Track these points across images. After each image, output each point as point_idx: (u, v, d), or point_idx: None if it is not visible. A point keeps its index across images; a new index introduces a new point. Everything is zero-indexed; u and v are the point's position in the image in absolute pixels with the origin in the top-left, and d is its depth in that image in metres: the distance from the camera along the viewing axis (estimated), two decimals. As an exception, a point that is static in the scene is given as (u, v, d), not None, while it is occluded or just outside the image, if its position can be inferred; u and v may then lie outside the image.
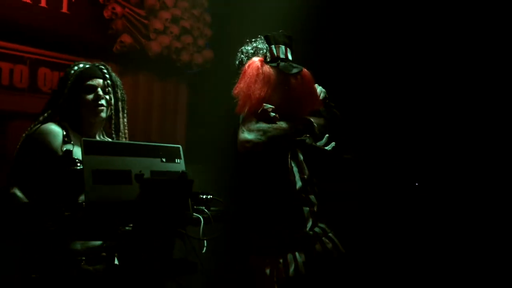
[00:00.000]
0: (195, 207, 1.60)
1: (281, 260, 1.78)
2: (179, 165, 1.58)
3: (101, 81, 1.78)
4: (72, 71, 1.79)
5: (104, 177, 1.40)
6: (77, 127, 1.76)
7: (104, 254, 1.61)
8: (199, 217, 1.53)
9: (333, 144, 1.91)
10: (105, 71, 1.81)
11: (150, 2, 3.67)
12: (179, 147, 1.62)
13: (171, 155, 1.58)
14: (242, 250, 1.97)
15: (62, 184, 1.60)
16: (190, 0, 3.89)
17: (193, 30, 3.88)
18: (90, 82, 1.76)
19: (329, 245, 1.78)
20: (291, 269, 1.76)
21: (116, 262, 1.60)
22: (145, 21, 3.68)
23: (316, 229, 1.80)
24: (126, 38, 3.58)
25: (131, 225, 1.32)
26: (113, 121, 1.82)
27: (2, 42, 3.26)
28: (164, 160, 1.56)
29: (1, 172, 3.13)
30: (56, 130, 1.73)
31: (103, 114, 1.77)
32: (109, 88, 1.76)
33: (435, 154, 3.00)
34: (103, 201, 1.35)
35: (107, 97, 1.77)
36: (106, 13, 3.49)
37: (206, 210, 1.60)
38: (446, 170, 2.95)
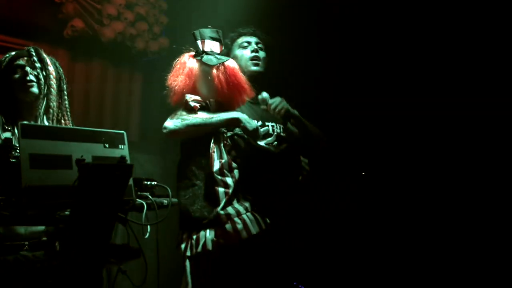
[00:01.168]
0: (139, 193, 1.61)
1: (194, 237, 1.90)
2: (123, 151, 1.57)
3: (27, 59, 1.80)
4: (3, 59, 1.82)
5: (43, 162, 1.37)
6: (15, 116, 1.73)
7: (44, 238, 1.59)
8: (142, 203, 1.55)
9: (275, 143, 2.02)
10: (32, 50, 1.82)
11: (103, -13, 3.57)
12: (123, 133, 1.61)
13: (115, 141, 1.57)
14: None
15: (2, 172, 1.57)
16: (145, -14, 3.82)
17: (148, 17, 3.81)
18: (16, 62, 1.79)
19: (239, 226, 1.86)
20: (200, 245, 1.88)
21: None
22: (98, 6, 3.58)
23: (229, 209, 1.88)
24: (78, 23, 3.47)
25: (69, 209, 1.31)
26: (44, 100, 1.80)
27: None
28: (107, 145, 1.55)
29: None
30: None
31: (34, 90, 1.78)
32: (37, 64, 1.76)
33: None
34: (41, 185, 1.33)
35: (35, 72, 1.77)
36: (56, -4, 3.37)
37: (150, 196, 1.62)
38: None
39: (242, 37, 2.41)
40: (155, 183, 1.65)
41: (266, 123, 2.25)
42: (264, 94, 2.22)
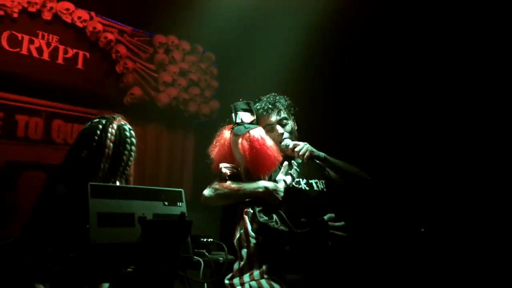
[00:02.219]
0: (195, 250, 1.65)
1: None
2: (181, 208, 1.64)
3: (108, 141, 1.88)
4: (97, 129, 1.89)
5: (109, 220, 1.46)
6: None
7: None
8: (199, 260, 1.57)
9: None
10: (97, 132, 1.89)
11: (160, 57, 3.88)
12: (181, 191, 1.68)
13: (173, 199, 1.65)
14: None
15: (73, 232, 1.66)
16: (198, 55, 4.11)
17: (200, 82, 4.06)
18: (97, 138, 1.87)
19: None
20: None
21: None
22: (155, 75, 3.88)
23: (235, 280, 1.92)
24: (136, 91, 3.76)
25: (132, 266, 1.36)
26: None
27: (20, 97, 3.47)
28: (166, 203, 1.62)
29: (12, 222, 3.22)
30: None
31: (96, 174, 1.83)
32: (111, 150, 1.86)
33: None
34: (107, 243, 1.40)
35: (107, 164, 1.84)
36: (118, 68, 3.70)
37: (206, 253, 1.64)
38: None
39: (263, 119, 2.29)
40: (211, 240, 1.68)
41: (310, 181, 2.23)
42: (286, 141, 2.21)
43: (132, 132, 2.00)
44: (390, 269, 2.99)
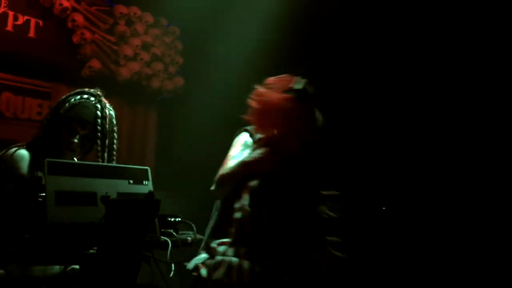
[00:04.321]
0: (162, 230, 1.57)
1: None
2: (147, 187, 1.54)
3: (86, 123, 1.77)
4: (67, 104, 1.78)
5: (68, 198, 1.35)
6: (55, 155, 1.73)
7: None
8: (166, 240, 1.50)
9: None
10: (98, 113, 1.79)
11: (121, 29, 3.68)
12: (147, 169, 1.59)
13: (139, 177, 1.55)
14: None
15: (28, 209, 1.55)
16: (161, 28, 3.93)
17: (164, 57, 3.90)
18: (74, 124, 1.75)
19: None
20: None
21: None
22: (115, 47, 3.68)
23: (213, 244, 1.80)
24: (95, 63, 3.55)
25: (95, 248, 1.27)
26: (99, 154, 1.80)
27: (-36, 66, 3.19)
28: (131, 182, 1.52)
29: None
30: (24, 155, 1.70)
31: (73, 153, 1.77)
32: (91, 134, 1.77)
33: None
34: (66, 223, 1.30)
35: (86, 141, 1.78)
36: (75, 39, 3.47)
37: (174, 233, 1.57)
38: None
39: None
40: (179, 219, 1.61)
41: None
42: None
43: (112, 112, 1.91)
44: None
